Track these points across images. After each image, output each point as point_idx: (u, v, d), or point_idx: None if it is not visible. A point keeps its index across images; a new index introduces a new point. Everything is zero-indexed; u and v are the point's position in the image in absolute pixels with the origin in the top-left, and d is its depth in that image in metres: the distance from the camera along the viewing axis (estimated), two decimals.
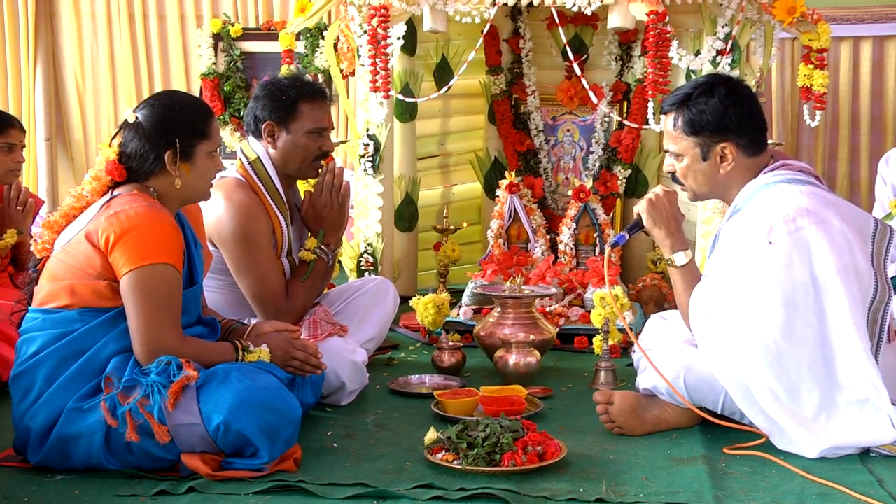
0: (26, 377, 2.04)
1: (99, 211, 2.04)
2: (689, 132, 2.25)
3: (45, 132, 5.29)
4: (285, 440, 2.00)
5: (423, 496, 1.87)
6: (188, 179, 2.12)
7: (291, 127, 2.70)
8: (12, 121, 3.18)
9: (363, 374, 2.60)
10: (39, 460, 2.02)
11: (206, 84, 5.04)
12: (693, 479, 1.98)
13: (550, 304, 3.34)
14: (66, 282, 2.02)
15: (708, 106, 2.22)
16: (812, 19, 3.27)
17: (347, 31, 3.64)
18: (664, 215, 2.30)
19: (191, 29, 5.23)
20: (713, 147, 2.25)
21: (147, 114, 2.10)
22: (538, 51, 4.09)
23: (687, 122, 2.25)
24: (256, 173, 2.69)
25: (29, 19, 5.20)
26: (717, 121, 2.22)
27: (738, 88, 2.27)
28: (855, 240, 2.16)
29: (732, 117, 2.22)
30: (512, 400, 2.38)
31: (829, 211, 2.17)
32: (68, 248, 2.04)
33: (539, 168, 4.09)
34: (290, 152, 2.71)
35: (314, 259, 2.70)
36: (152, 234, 2.00)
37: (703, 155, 2.26)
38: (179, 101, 2.16)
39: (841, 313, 2.10)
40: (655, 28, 3.11)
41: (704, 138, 2.24)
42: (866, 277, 2.15)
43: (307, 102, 2.71)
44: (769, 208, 2.17)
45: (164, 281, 2.01)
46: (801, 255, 2.11)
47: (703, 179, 2.28)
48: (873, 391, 2.08)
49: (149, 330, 2.00)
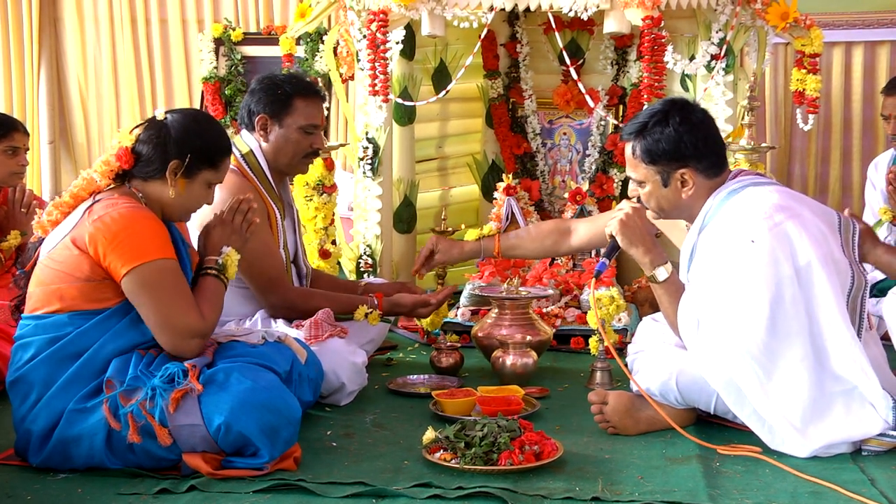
0: (24, 382, 2.05)
1: (82, 216, 2.05)
2: (647, 161, 2.26)
3: (49, 135, 5.31)
4: (285, 440, 2.02)
5: (421, 495, 1.89)
6: (179, 196, 2.12)
7: (284, 121, 2.71)
8: (16, 124, 3.19)
9: (363, 374, 2.62)
10: (41, 462, 2.03)
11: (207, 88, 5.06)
12: (688, 477, 1.99)
13: (547, 306, 3.36)
14: (54, 286, 2.03)
15: (663, 135, 2.23)
16: (805, 24, 3.30)
17: (347, 35, 3.67)
18: (638, 233, 2.30)
19: (192, 33, 5.26)
20: (672, 174, 2.25)
21: (176, 119, 2.13)
22: (535, 55, 4.12)
23: (644, 152, 2.26)
24: (249, 166, 2.70)
25: (33, 24, 5.22)
26: (674, 149, 2.23)
27: (692, 114, 2.27)
28: (827, 230, 2.19)
29: (688, 144, 2.23)
30: (509, 400, 2.40)
31: (800, 205, 2.21)
32: (53, 253, 2.05)
33: (536, 171, 4.12)
34: (281, 146, 2.72)
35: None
36: (141, 232, 2.02)
37: (663, 182, 2.27)
38: (211, 124, 2.19)
39: (827, 302, 2.11)
40: (651, 33, 3.14)
41: (663, 166, 2.25)
42: (843, 266, 2.18)
43: (302, 98, 2.73)
44: (744, 210, 2.19)
45: (167, 272, 2.03)
46: (784, 249, 2.13)
47: (667, 204, 2.30)
48: (863, 377, 2.09)
49: (169, 321, 2.02)
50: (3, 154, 3.11)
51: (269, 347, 2.23)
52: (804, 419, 2.10)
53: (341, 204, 3.95)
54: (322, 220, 3.46)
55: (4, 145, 3.10)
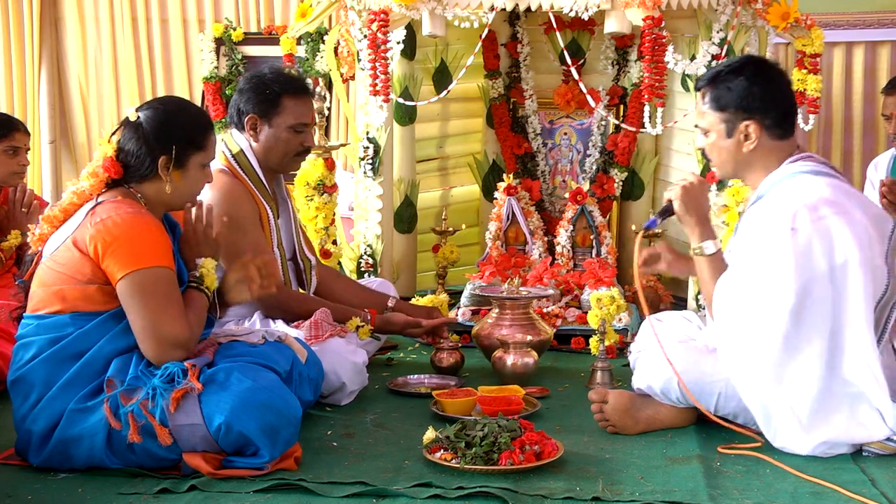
0: (24, 382, 2.05)
1: (85, 218, 2.05)
2: (715, 108, 2.27)
3: (49, 135, 5.31)
4: (286, 440, 2.02)
5: (421, 495, 1.89)
6: (177, 187, 2.13)
7: (274, 121, 2.71)
8: (17, 124, 3.20)
9: (363, 374, 2.63)
10: (41, 462, 2.04)
11: (207, 88, 5.06)
12: (688, 477, 2.00)
13: (548, 306, 3.36)
14: (56, 287, 2.03)
15: (734, 84, 2.24)
16: (805, 25, 3.30)
17: (348, 35, 3.67)
18: (696, 203, 2.30)
19: (193, 33, 5.26)
20: (737, 125, 2.25)
21: (149, 116, 2.12)
22: (536, 55, 4.12)
23: (714, 99, 2.27)
24: (240, 165, 2.71)
25: (34, 23, 5.23)
26: (742, 99, 2.24)
27: (767, 69, 2.28)
28: (874, 235, 2.16)
29: (757, 96, 2.24)
30: (509, 400, 2.41)
31: (852, 203, 2.18)
32: (56, 255, 2.05)
33: (536, 171, 4.12)
34: (271, 146, 2.73)
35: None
36: (141, 239, 2.02)
37: (727, 132, 2.27)
38: (182, 108, 2.18)
39: (855, 305, 2.10)
40: (651, 33, 3.13)
41: (729, 115, 2.26)
42: (880, 273, 2.16)
43: (291, 97, 2.72)
44: (792, 196, 2.17)
45: (162, 280, 2.03)
46: (823, 244, 2.10)
47: (727, 157, 2.30)
48: (874, 384, 2.09)
49: (156, 328, 2.01)
50: (4, 154, 3.11)
51: (270, 347, 2.23)
52: (810, 415, 2.10)
53: (342, 204, 3.95)
54: (323, 220, 3.46)
55: (5, 145, 3.11)
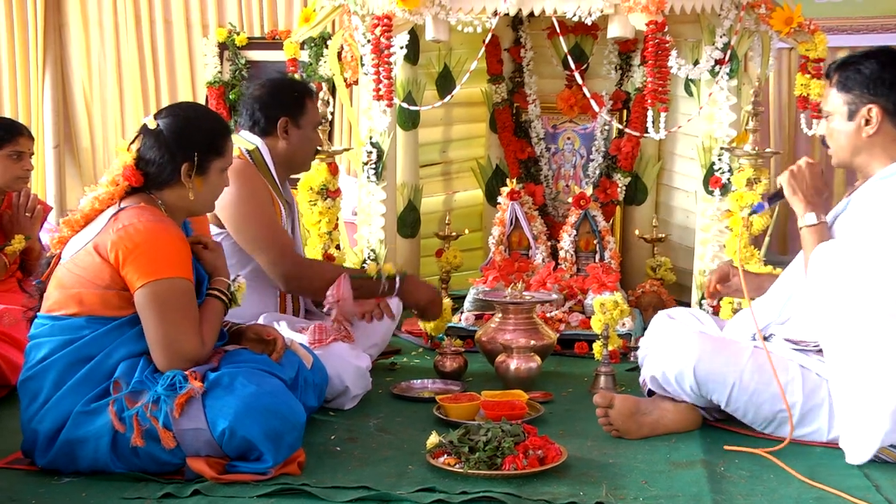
0: (34, 382, 2.06)
1: (107, 223, 2.06)
2: (840, 88, 2.27)
3: (53, 139, 5.32)
4: (289, 444, 2.03)
5: (425, 499, 1.89)
6: (199, 193, 2.15)
7: (301, 122, 2.83)
8: (21, 129, 3.20)
9: (367, 378, 2.63)
10: (47, 463, 2.05)
11: (211, 92, 5.07)
12: (692, 482, 2.00)
13: (551, 310, 3.36)
14: (75, 290, 2.04)
15: (863, 66, 2.24)
16: (809, 30, 3.30)
17: (351, 40, 3.68)
18: (804, 185, 2.28)
19: (197, 38, 5.27)
20: (860, 108, 2.24)
21: (168, 123, 2.12)
22: (539, 60, 4.13)
23: (841, 80, 2.27)
24: (255, 162, 2.76)
25: (38, 29, 5.24)
26: (869, 80, 2.23)
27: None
28: None
29: (885, 81, 2.22)
30: (513, 404, 2.41)
31: None
32: (76, 258, 2.06)
33: (540, 176, 4.12)
34: (301, 146, 2.85)
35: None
36: (163, 248, 2.03)
37: (849, 114, 2.26)
38: (200, 114, 2.19)
39: None
40: (654, 38, 3.14)
41: (854, 97, 2.25)
42: None
43: (309, 98, 2.89)
44: None
45: (179, 292, 2.04)
46: None
47: (845, 141, 2.28)
48: None
49: (169, 341, 2.02)
50: (8, 158, 3.11)
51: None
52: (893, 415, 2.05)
53: (345, 208, 3.95)
54: (326, 225, 3.46)
55: (9, 150, 3.11)
